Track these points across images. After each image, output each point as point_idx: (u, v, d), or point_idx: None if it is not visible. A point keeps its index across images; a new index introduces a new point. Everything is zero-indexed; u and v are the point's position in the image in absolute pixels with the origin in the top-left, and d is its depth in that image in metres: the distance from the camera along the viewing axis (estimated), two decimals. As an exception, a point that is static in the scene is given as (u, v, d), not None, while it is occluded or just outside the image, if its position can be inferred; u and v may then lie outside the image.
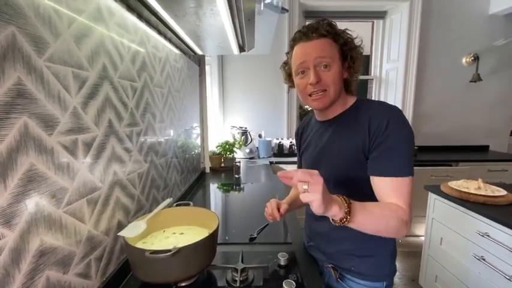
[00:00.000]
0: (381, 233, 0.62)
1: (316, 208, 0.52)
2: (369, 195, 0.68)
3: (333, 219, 0.57)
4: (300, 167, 0.99)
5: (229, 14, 0.86)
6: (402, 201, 0.63)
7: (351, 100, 0.77)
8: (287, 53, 0.80)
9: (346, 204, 0.56)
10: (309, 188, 0.51)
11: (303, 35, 0.71)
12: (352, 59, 0.72)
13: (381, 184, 0.66)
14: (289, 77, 0.82)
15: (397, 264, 2.16)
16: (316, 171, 0.53)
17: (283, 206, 0.82)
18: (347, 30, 0.73)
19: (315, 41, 0.70)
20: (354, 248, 0.76)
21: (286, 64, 0.83)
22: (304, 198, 0.52)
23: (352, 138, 0.70)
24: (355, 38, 0.74)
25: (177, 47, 1.34)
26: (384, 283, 0.77)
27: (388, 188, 0.64)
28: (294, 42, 0.75)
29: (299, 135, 0.95)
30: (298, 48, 0.73)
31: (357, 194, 0.66)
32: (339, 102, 0.76)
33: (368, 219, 0.59)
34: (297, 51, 0.73)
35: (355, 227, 0.58)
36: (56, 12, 0.53)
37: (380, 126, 0.65)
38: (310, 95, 0.73)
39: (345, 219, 0.55)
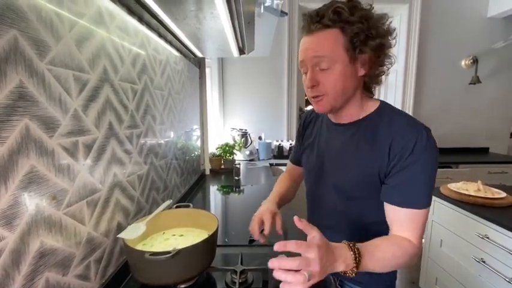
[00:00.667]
0: (390, 270, 0.59)
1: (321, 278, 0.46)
2: (374, 218, 0.66)
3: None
4: (296, 157, 0.92)
5: (229, 17, 0.87)
6: (415, 234, 0.59)
7: (372, 105, 0.66)
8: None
9: (353, 256, 0.49)
10: (308, 270, 0.45)
11: (306, 25, 0.61)
12: (370, 51, 0.58)
13: (395, 213, 0.60)
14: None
15: (397, 266, 2.16)
16: (310, 248, 0.46)
17: (267, 224, 0.72)
18: (370, 12, 0.59)
19: (317, 34, 0.59)
20: None
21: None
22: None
23: (369, 155, 0.63)
24: (380, 21, 0.59)
25: (177, 49, 1.35)
26: None
27: (403, 219, 0.59)
28: (302, 29, 0.64)
29: (305, 125, 0.86)
30: (301, 43, 0.63)
31: (360, 213, 0.65)
32: (354, 106, 0.66)
33: (377, 265, 0.54)
34: (301, 44, 0.63)
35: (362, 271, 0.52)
36: (57, 16, 0.53)
37: (404, 150, 0.57)
38: (312, 98, 0.65)
39: (351, 272, 0.50)
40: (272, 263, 0.46)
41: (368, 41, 0.58)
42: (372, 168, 0.62)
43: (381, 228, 0.67)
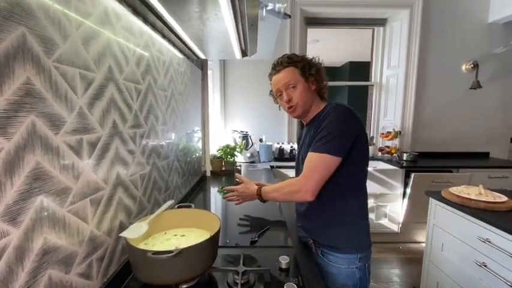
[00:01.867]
0: (287, 200, 1.04)
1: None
2: (333, 183, 0.85)
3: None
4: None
5: (233, 18, 0.87)
6: (305, 172, 0.85)
7: (322, 106, 0.96)
8: (270, 84, 1.02)
9: (257, 192, 1.02)
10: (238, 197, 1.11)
11: (273, 69, 0.98)
12: (313, 75, 0.93)
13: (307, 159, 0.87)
14: (275, 98, 1.05)
15: (398, 270, 2.16)
16: (241, 185, 1.11)
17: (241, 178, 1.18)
18: (305, 56, 0.97)
19: (281, 72, 0.95)
20: (326, 223, 0.91)
21: (271, 91, 1.05)
22: (238, 202, 1.13)
23: (311, 135, 0.89)
24: (313, 59, 0.97)
25: (180, 51, 1.36)
26: (357, 255, 0.88)
27: (307, 161, 0.86)
28: (270, 76, 1.01)
29: (298, 138, 1.14)
30: (273, 80, 0.99)
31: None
32: (314, 109, 0.96)
33: (272, 193, 0.98)
34: (273, 82, 0.99)
35: (269, 199, 1.01)
36: (64, 15, 0.54)
37: (322, 119, 0.87)
38: (288, 109, 0.97)
39: (260, 199, 1.03)
40: (227, 196, 1.14)
41: (311, 68, 0.94)
42: (309, 146, 0.88)
43: (334, 198, 0.89)
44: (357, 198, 0.91)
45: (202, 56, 1.48)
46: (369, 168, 1.13)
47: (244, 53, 1.38)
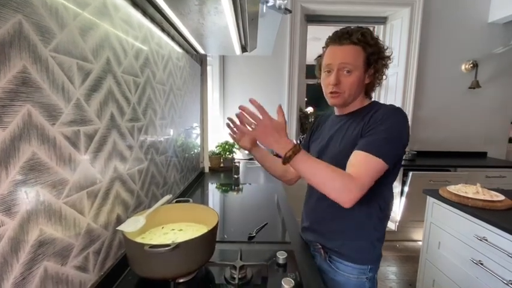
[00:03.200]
0: (321, 186, 0.69)
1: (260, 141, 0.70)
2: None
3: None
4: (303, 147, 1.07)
5: (233, 12, 0.87)
6: (357, 172, 0.68)
7: (367, 102, 0.86)
8: (323, 47, 0.86)
9: (292, 148, 0.67)
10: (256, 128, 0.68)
11: (336, 38, 0.79)
12: (375, 68, 0.80)
13: (354, 156, 0.72)
14: (319, 68, 0.88)
15: (395, 268, 2.17)
16: (265, 116, 0.67)
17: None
18: (379, 41, 0.80)
19: (345, 46, 0.77)
20: (343, 230, 0.83)
21: (320, 57, 0.88)
22: (249, 133, 0.70)
23: (358, 129, 0.78)
24: (386, 49, 0.81)
25: (179, 45, 1.35)
26: (368, 266, 0.82)
27: (357, 160, 0.71)
28: (329, 41, 0.82)
29: (315, 126, 1.02)
30: (330, 50, 0.81)
31: None
32: (356, 103, 0.84)
33: (308, 169, 0.68)
34: (328, 52, 0.82)
35: (297, 169, 0.69)
36: (62, 4, 0.53)
37: (377, 117, 0.74)
38: (330, 93, 0.82)
39: (287, 158, 0.68)
40: (242, 106, 0.70)
41: (378, 60, 0.79)
42: (354, 141, 0.76)
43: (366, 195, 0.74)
44: (382, 210, 0.81)
45: (201, 51, 1.47)
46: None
47: (244, 49, 1.38)
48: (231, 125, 0.88)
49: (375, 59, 0.78)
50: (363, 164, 0.69)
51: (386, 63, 0.81)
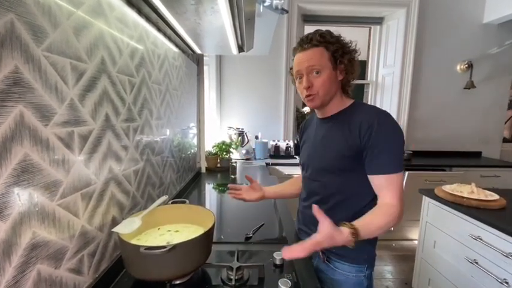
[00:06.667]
0: (382, 232, 0.73)
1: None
2: (356, 185, 0.81)
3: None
4: (299, 157, 1.09)
5: (230, 12, 0.86)
6: (394, 195, 0.74)
7: (348, 102, 0.86)
8: (292, 59, 0.88)
9: (352, 233, 0.65)
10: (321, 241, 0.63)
11: (298, 46, 0.83)
12: (343, 63, 0.80)
13: (377, 181, 0.77)
14: (293, 80, 0.90)
15: (391, 267, 2.19)
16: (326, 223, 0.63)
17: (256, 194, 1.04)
18: (341, 38, 0.82)
19: (308, 51, 0.80)
20: None
21: (291, 68, 0.90)
22: (315, 241, 0.63)
23: (345, 136, 0.80)
24: (348, 44, 0.83)
25: (176, 44, 1.34)
26: (365, 266, 0.85)
27: (383, 184, 0.76)
28: (294, 51, 0.86)
29: (302, 131, 1.04)
30: (296, 58, 0.84)
31: (345, 182, 0.82)
32: (335, 102, 0.85)
33: (369, 233, 0.70)
34: (295, 60, 0.84)
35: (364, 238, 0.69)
36: (55, 3, 0.52)
37: (371, 128, 0.75)
38: (306, 97, 0.83)
39: (356, 242, 0.66)
40: (284, 254, 0.62)
41: (344, 55, 0.80)
42: (344, 147, 0.80)
43: (361, 201, 0.82)
44: None
45: (198, 51, 1.46)
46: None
47: (240, 48, 1.37)
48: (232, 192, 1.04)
49: (340, 54, 0.79)
50: (389, 186, 0.75)
51: (353, 57, 0.82)
